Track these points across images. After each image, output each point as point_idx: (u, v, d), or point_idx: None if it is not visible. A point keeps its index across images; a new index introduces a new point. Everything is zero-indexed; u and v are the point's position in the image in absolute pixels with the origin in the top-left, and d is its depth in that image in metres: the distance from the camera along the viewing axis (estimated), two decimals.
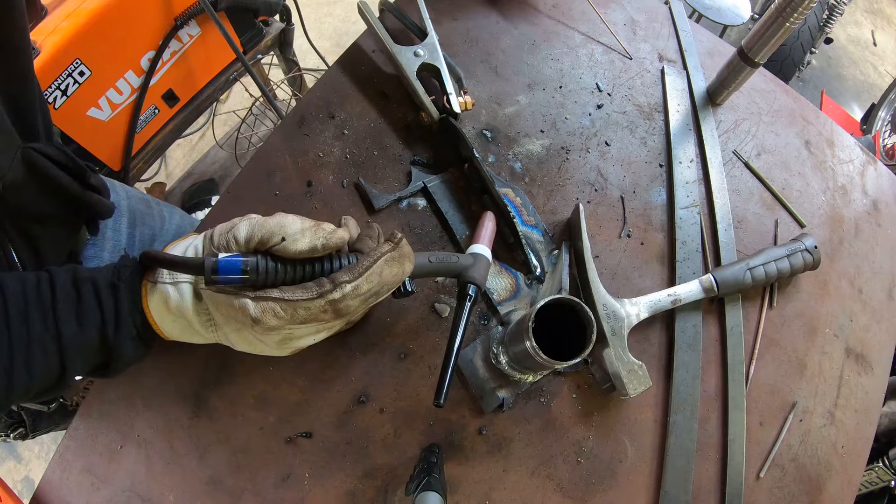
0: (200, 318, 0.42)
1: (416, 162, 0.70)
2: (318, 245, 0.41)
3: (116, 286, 0.41)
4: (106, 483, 0.54)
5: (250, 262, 0.40)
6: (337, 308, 0.40)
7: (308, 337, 0.44)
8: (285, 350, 0.44)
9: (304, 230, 0.41)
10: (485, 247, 0.58)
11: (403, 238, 0.44)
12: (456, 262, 0.52)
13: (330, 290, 0.39)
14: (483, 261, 0.55)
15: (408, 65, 0.70)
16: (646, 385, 0.59)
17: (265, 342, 0.42)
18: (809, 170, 0.82)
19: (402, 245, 0.44)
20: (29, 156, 0.47)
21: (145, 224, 0.75)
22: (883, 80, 2.66)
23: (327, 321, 0.41)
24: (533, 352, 0.49)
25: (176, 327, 0.43)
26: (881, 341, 0.74)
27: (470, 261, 0.54)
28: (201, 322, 0.42)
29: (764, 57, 0.74)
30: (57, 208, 0.54)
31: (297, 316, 0.39)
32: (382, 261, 0.42)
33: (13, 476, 1.51)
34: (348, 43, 0.77)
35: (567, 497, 0.59)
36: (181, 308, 0.41)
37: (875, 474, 1.06)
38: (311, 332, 0.43)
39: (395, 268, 0.43)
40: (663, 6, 0.93)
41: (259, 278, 0.40)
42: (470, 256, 0.55)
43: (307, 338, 0.44)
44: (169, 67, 1.05)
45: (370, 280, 0.41)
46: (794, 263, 0.68)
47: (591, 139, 0.77)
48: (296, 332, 0.41)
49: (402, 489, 0.56)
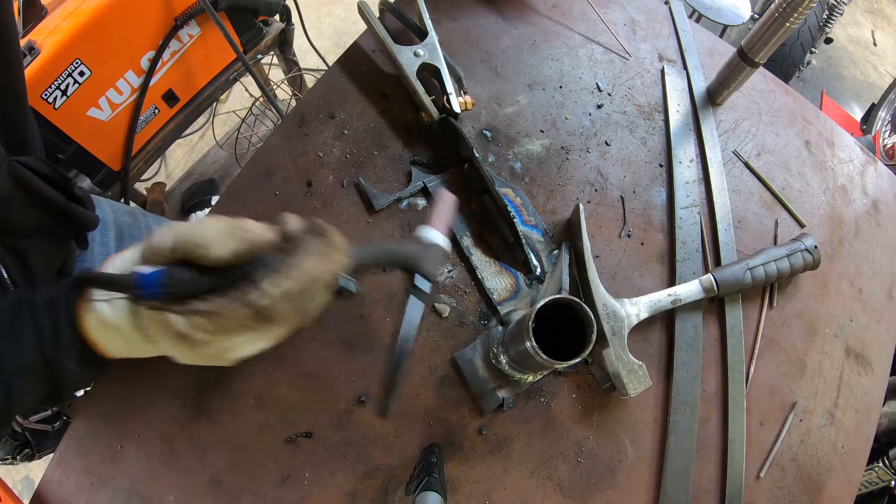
0: (138, 333, 0.39)
1: (416, 162, 0.70)
2: (241, 249, 0.37)
3: (55, 305, 0.39)
4: (106, 483, 0.54)
5: (173, 274, 0.37)
6: (264, 314, 0.36)
7: (247, 346, 0.40)
8: (226, 361, 0.41)
9: (226, 236, 0.38)
10: (438, 232, 0.49)
11: (331, 229, 0.40)
12: (404, 253, 0.46)
13: (254, 297, 0.36)
14: (436, 250, 0.48)
15: (408, 65, 0.70)
16: (646, 385, 0.59)
17: (201, 355, 0.39)
18: (809, 170, 0.82)
19: (329, 236, 0.39)
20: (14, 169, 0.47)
21: (132, 236, 0.75)
22: (883, 80, 2.66)
23: (258, 329, 0.38)
24: (533, 352, 0.49)
25: (117, 345, 0.41)
26: (881, 341, 0.74)
27: (420, 251, 0.47)
28: (140, 338, 0.39)
29: (764, 57, 0.74)
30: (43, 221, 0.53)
31: (223, 327, 0.36)
32: (306, 256, 0.38)
33: (13, 476, 1.51)
34: (348, 43, 0.77)
35: (567, 497, 0.59)
36: (117, 325, 0.39)
37: (875, 474, 1.06)
38: (249, 340, 0.39)
39: (323, 262, 0.38)
40: (663, 6, 0.93)
41: (184, 290, 0.37)
42: (421, 246, 0.48)
43: (246, 347, 0.40)
44: (169, 67, 1.05)
45: (295, 279, 0.37)
46: (794, 263, 0.68)
47: (591, 139, 0.77)
48: (229, 343, 0.38)
49: (402, 489, 0.56)
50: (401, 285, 0.64)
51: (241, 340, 0.39)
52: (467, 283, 0.65)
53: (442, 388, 0.60)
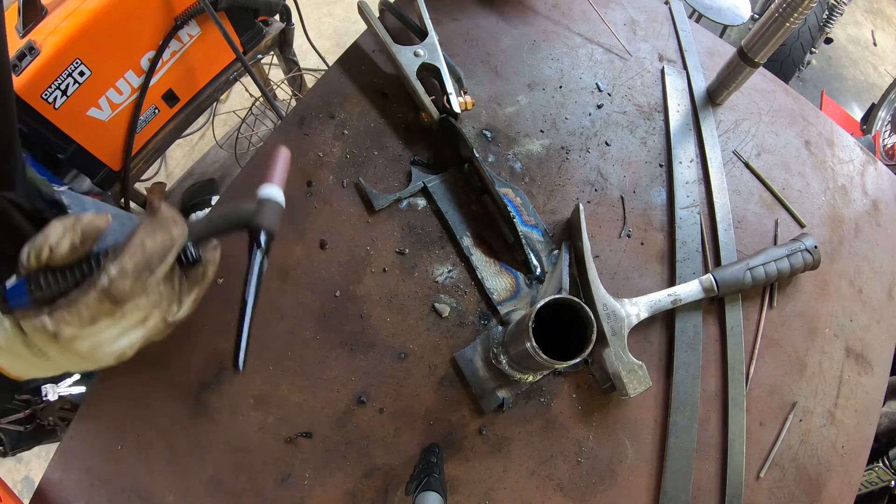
0: (31, 350, 0.40)
1: (416, 162, 0.70)
2: (75, 241, 0.39)
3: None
4: (106, 483, 0.54)
5: (32, 279, 0.39)
6: (112, 295, 0.38)
7: (119, 336, 0.41)
8: (108, 357, 0.42)
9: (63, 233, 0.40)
10: (274, 185, 0.49)
11: (163, 203, 0.42)
12: (238, 212, 0.47)
13: (97, 279, 0.38)
14: (270, 204, 0.48)
15: (408, 65, 0.70)
16: (646, 385, 0.59)
17: (81, 356, 0.41)
18: (809, 170, 0.82)
19: (161, 211, 0.41)
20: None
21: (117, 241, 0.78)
22: (883, 80, 2.66)
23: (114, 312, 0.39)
24: (533, 352, 0.49)
25: (18, 364, 0.42)
26: (881, 341, 0.74)
27: (257, 207, 0.48)
28: (33, 353, 0.40)
29: (764, 57, 0.74)
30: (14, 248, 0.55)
31: (84, 316, 0.38)
32: (141, 232, 0.40)
33: (13, 476, 1.51)
34: (348, 43, 0.77)
35: (567, 497, 0.59)
36: (11, 344, 0.40)
37: (875, 474, 1.06)
38: (118, 330, 0.41)
39: (159, 235, 0.40)
40: (663, 6, 0.93)
41: (47, 292, 0.39)
42: (257, 202, 0.48)
43: (119, 338, 0.41)
44: (169, 67, 1.05)
45: (133, 255, 0.39)
46: (794, 263, 0.68)
47: (591, 139, 0.77)
48: (101, 335, 0.40)
49: (402, 489, 0.56)
50: (401, 285, 0.64)
51: (109, 331, 0.40)
52: (467, 283, 0.65)
53: (442, 388, 0.60)
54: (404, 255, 0.65)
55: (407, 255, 0.65)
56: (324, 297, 0.62)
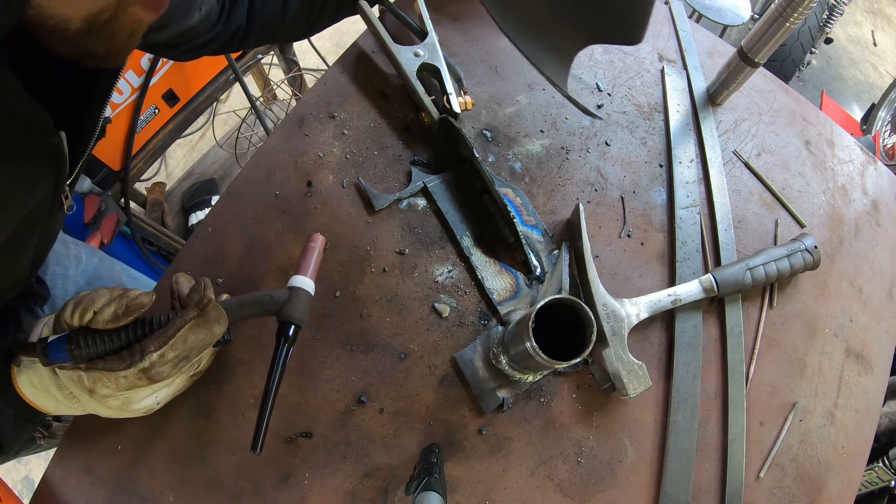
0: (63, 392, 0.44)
1: (416, 162, 0.70)
2: (118, 312, 0.43)
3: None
4: (106, 483, 0.54)
5: (73, 338, 0.43)
6: (149, 375, 0.42)
7: (148, 397, 0.47)
8: (137, 412, 0.47)
9: (109, 301, 0.43)
10: (305, 278, 0.52)
11: (212, 300, 0.45)
12: (270, 300, 0.50)
13: (139, 360, 0.42)
14: (301, 294, 0.51)
15: (408, 65, 0.70)
16: (646, 385, 0.59)
17: (112, 407, 0.45)
18: (809, 170, 0.82)
19: (208, 311, 0.45)
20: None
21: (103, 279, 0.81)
22: (883, 80, 2.66)
23: (146, 385, 0.43)
24: (533, 352, 0.49)
25: (49, 402, 0.46)
26: (881, 341, 0.74)
27: (285, 295, 0.50)
28: (65, 395, 0.45)
29: (764, 57, 0.74)
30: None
31: (121, 385, 0.42)
32: (186, 329, 0.43)
33: (13, 476, 1.51)
34: (348, 43, 0.77)
35: (567, 497, 0.59)
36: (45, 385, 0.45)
37: (875, 474, 1.06)
38: (148, 393, 0.46)
39: (201, 333, 0.44)
40: (663, 6, 0.93)
41: (85, 352, 0.43)
42: (286, 291, 0.51)
43: (148, 398, 0.47)
44: (169, 67, 1.05)
45: (175, 348, 0.43)
46: (794, 263, 0.68)
47: (591, 139, 0.77)
48: (131, 395, 0.45)
49: (402, 489, 0.56)
50: (401, 285, 0.64)
51: (140, 393, 0.45)
52: (467, 283, 0.65)
53: (442, 388, 0.60)
54: (404, 255, 0.65)
55: (407, 255, 0.65)
56: (324, 297, 0.62)
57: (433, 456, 0.53)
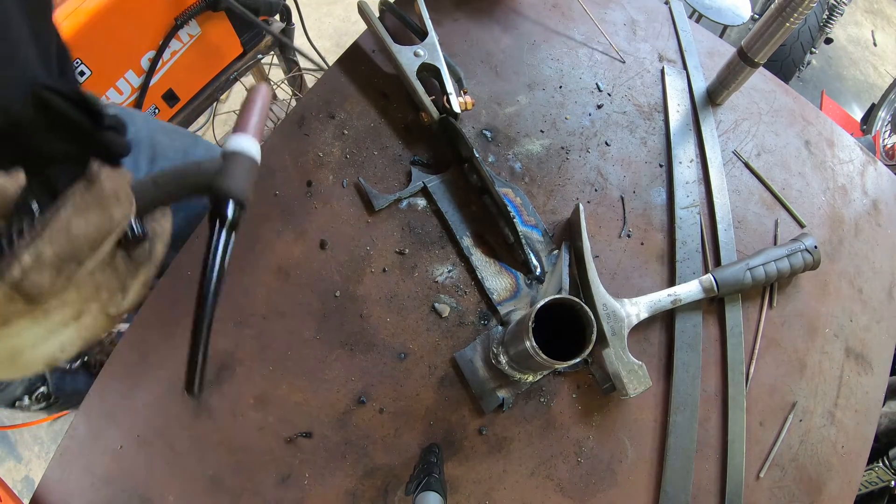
0: None
1: (416, 162, 0.70)
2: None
3: None
4: (106, 483, 0.54)
5: None
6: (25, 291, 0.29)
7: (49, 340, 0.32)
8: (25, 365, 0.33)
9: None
10: (245, 136, 0.38)
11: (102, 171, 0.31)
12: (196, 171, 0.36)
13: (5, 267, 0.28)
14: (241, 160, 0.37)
15: (408, 65, 0.70)
16: (646, 385, 0.59)
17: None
18: (809, 170, 0.82)
19: (100, 183, 0.31)
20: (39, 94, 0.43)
21: (167, 158, 0.70)
22: (883, 80, 2.66)
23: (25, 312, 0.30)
24: (533, 352, 0.49)
25: None
26: (881, 341, 0.74)
27: (221, 164, 0.36)
28: None
29: (764, 57, 0.74)
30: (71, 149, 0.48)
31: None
32: (68, 210, 0.29)
33: (13, 476, 1.51)
34: (348, 43, 0.77)
35: (567, 497, 0.59)
36: None
37: (875, 474, 1.06)
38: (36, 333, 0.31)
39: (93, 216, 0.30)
40: (663, 6, 0.93)
41: None
42: (221, 158, 0.37)
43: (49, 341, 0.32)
44: (169, 67, 1.05)
45: (54, 241, 0.29)
46: (794, 263, 0.68)
47: (591, 139, 0.77)
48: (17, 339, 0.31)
49: (402, 489, 0.56)
50: (401, 285, 0.64)
51: (29, 332, 0.31)
52: (467, 283, 0.65)
53: (442, 388, 0.60)
54: (404, 255, 0.65)
55: (407, 255, 0.65)
56: (324, 297, 0.62)
57: (433, 456, 0.53)
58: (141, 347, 0.58)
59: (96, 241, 0.31)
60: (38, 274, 0.29)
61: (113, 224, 0.31)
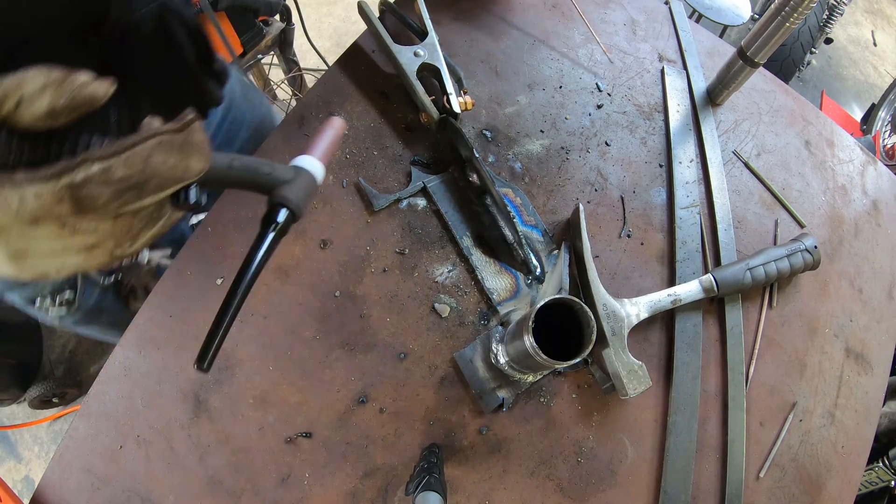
0: None
1: (416, 162, 0.70)
2: (56, 105, 0.29)
3: None
4: (106, 483, 0.54)
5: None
6: (77, 197, 0.28)
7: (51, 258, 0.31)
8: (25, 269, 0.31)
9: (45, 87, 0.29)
10: (314, 159, 0.42)
11: (197, 122, 0.32)
12: (268, 174, 0.38)
13: (70, 169, 0.27)
14: (306, 178, 0.40)
15: (408, 65, 0.70)
16: (646, 385, 0.59)
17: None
18: (809, 170, 0.83)
19: (192, 130, 0.31)
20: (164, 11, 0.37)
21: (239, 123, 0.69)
22: (883, 80, 2.66)
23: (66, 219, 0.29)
24: (533, 352, 0.49)
25: None
26: (881, 341, 0.74)
27: (289, 174, 0.39)
28: None
29: (764, 57, 0.74)
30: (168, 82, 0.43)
31: (25, 206, 0.27)
32: (154, 142, 0.29)
33: (13, 476, 1.51)
34: (348, 43, 0.77)
35: (567, 497, 0.59)
36: None
37: (875, 474, 1.06)
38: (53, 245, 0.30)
39: (173, 157, 0.30)
40: (663, 6, 0.93)
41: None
42: (291, 169, 0.40)
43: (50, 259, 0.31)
44: None
45: (130, 164, 0.29)
46: (794, 263, 0.68)
47: (591, 139, 0.77)
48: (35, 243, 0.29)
49: (402, 489, 0.56)
50: (401, 285, 0.64)
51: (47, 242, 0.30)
52: (467, 283, 0.65)
53: (442, 388, 0.60)
54: (404, 255, 0.65)
55: (407, 255, 0.65)
56: (324, 297, 0.62)
57: (433, 456, 0.53)
58: (142, 347, 0.58)
59: (165, 183, 0.31)
60: (99, 188, 0.28)
61: (186, 175, 0.31)
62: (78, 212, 0.28)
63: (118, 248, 0.33)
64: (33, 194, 0.27)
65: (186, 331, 0.59)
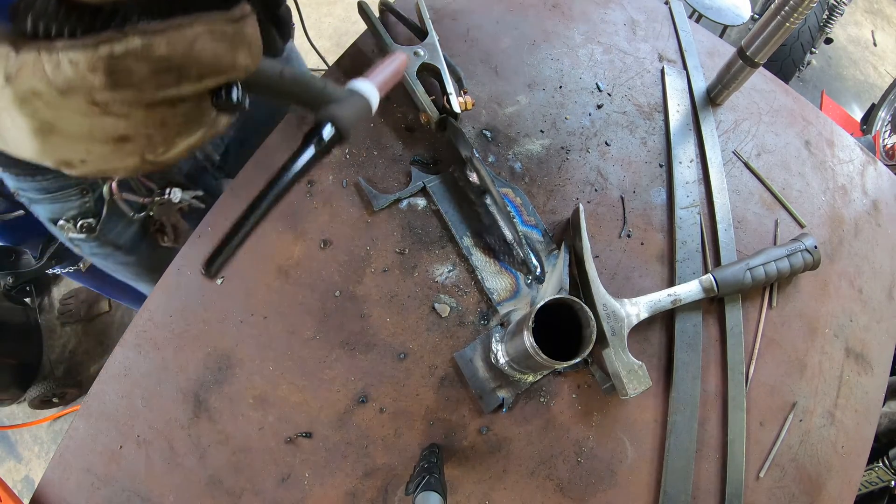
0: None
1: (416, 162, 0.70)
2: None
3: None
4: (106, 483, 0.54)
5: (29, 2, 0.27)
6: (112, 69, 0.26)
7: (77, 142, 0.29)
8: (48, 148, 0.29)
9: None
10: (372, 85, 0.39)
11: (252, 16, 0.30)
12: (320, 88, 0.36)
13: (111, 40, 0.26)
14: (359, 100, 0.38)
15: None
16: (646, 385, 0.59)
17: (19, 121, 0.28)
18: (809, 170, 0.83)
19: (245, 23, 0.29)
20: None
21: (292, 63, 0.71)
22: (883, 80, 2.66)
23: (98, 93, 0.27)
24: (533, 352, 0.49)
25: None
26: (881, 341, 0.74)
27: (341, 94, 0.38)
28: None
29: (764, 57, 0.74)
30: None
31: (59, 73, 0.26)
32: (203, 27, 0.28)
33: (13, 476, 1.51)
34: (348, 43, 0.77)
35: (567, 497, 0.59)
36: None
37: (875, 474, 1.06)
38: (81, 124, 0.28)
39: (221, 47, 0.28)
40: (663, 6, 0.93)
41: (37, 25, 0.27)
42: (345, 90, 0.38)
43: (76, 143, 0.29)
44: None
45: (173, 43, 0.27)
46: (794, 263, 0.68)
47: (591, 139, 0.77)
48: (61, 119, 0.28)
49: (402, 489, 0.56)
50: (401, 285, 0.64)
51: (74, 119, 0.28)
52: (467, 283, 0.65)
53: (442, 388, 0.60)
54: (404, 255, 0.65)
55: (407, 255, 0.65)
56: (324, 297, 0.62)
57: (433, 456, 0.53)
58: (142, 347, 0.58)
59: (207, 72, 0.29)
60: (137, 62, 0.27)
61: (232, 69, 0.30)
62: (111, 85, 0.27)
63: (150, 149, 0.30)
64: (68, 60, 0.26)
65: (186, 331, 0.59)
